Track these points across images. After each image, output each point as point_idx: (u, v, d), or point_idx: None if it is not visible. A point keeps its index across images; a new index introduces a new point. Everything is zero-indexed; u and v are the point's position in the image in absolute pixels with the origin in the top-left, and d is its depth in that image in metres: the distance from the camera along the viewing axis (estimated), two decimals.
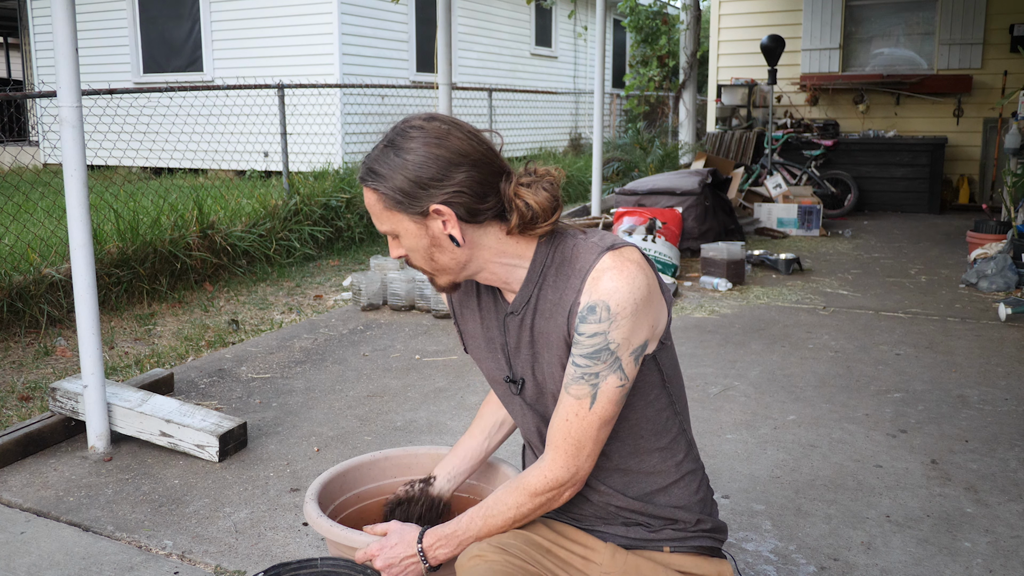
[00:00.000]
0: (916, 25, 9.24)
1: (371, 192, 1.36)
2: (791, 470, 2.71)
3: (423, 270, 1.42)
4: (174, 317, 4.73)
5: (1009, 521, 2.37)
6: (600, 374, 1.31)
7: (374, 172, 1.34)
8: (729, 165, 8.23)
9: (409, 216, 1.34)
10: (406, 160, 1.32)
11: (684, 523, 1.45)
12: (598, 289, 1.30)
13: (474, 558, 1.37)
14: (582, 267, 1.33)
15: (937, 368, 3.74)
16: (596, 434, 1.34)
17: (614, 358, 1.30)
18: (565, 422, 1.34)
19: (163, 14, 11.10)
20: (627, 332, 1.30)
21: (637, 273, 1.30)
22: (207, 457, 2.80)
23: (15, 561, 2.21)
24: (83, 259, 2.74)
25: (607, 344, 1.30)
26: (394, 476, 1.85)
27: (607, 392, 1.32)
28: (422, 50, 11.33)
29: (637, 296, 1.29)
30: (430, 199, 1.32)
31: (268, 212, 6.29)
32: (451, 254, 1.37)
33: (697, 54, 10.21)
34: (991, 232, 6.02)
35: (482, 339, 1.50)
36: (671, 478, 1.44)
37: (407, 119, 1.37)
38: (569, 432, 1.34)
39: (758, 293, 5.20)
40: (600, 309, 1.29)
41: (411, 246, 1.38)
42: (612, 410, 1.34)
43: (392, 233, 1.38)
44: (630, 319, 1.29)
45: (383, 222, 1.38)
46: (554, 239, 1.39)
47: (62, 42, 2.62)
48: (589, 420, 1.33)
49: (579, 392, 1.32)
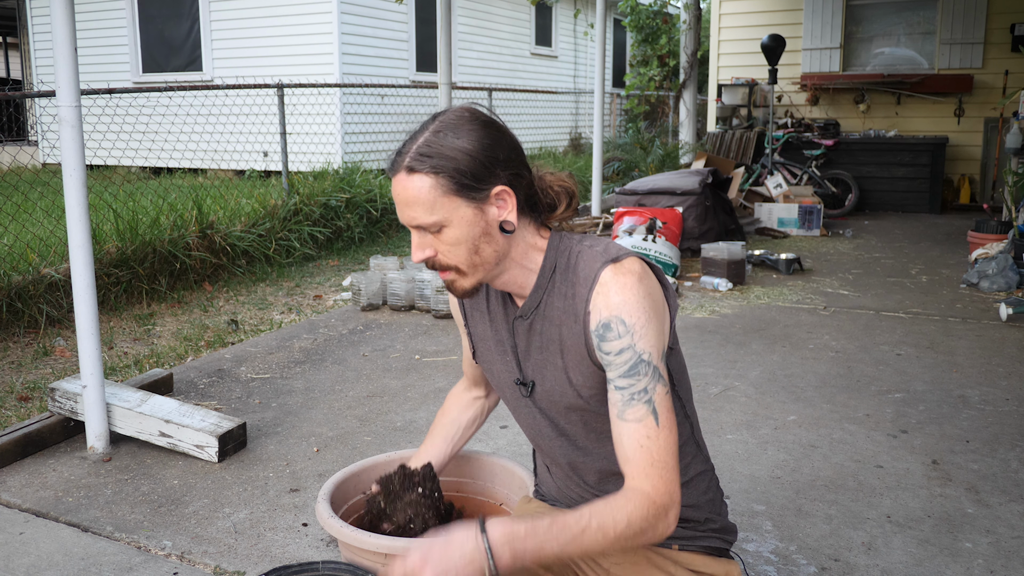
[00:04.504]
0: (917, 24, 9.23)
1: (426, 177, 1.27)
2: (792, 470, 2.71)
3: (455, 268, 1.34)
4: (173, 317, 4.72)
5: (1010, 522, 2.37)
6: (648, 388, 1.27)
7: (427, 156, 1.27)
8: (730, 165, 8.22)
9: (468, 201, 1.29)
10: (469, 141, 1.28)
11: (693, 522, 1.45)
12: (608, 305, 1.29)
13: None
14: (586, 277, 1.32)
15: (938, 368, 3.73)
16: (673, 448, 1.28)
17: (652, 368, 1.28)
18: (641, 448, 1.26)
19: (162, 14, 11.09)
20: (653, 339, 1.28)
21: (639, 284, 1.30)
22: (206, 457, 2.79)
23: (14, 562, 2.20)
24: (82, 259, 2.74)
25: (640, 357, 1.27)
26: None
27: (663, 403, 1.28)
28: (422, 50, 11.33)
29: (646, 304, 1.29)
30: (496, 180, 1.30)
31: (267, 212, 6.28)
32: (495, 245, 1.33)
33: (697, 53, 10.20)
34: (992, 232, 6.01)
35: (492, 341, 1.49)
36: (682, 479, 1.44)
37: (444, 110, 1.35)
38: (652, 456, 1.26)
39: (759, 293, 5.19)
40: (616, 324, 1.28)
41: (459, 237, 1.30)
42: (674, 419, 1.30)
43: (437, 224, 1.29)
44: (647, 326, 1.28)
45: (434, 211, 1.28)
46: (560, 244, 1.38)
47: (61, 41, 2.61)
48: (663, 436, 1.27)
49: (638, 415, 1.27)
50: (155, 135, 10.75)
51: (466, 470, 1.85)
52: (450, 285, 1.38)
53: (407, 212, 1.31)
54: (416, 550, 1.19)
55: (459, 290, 1.37)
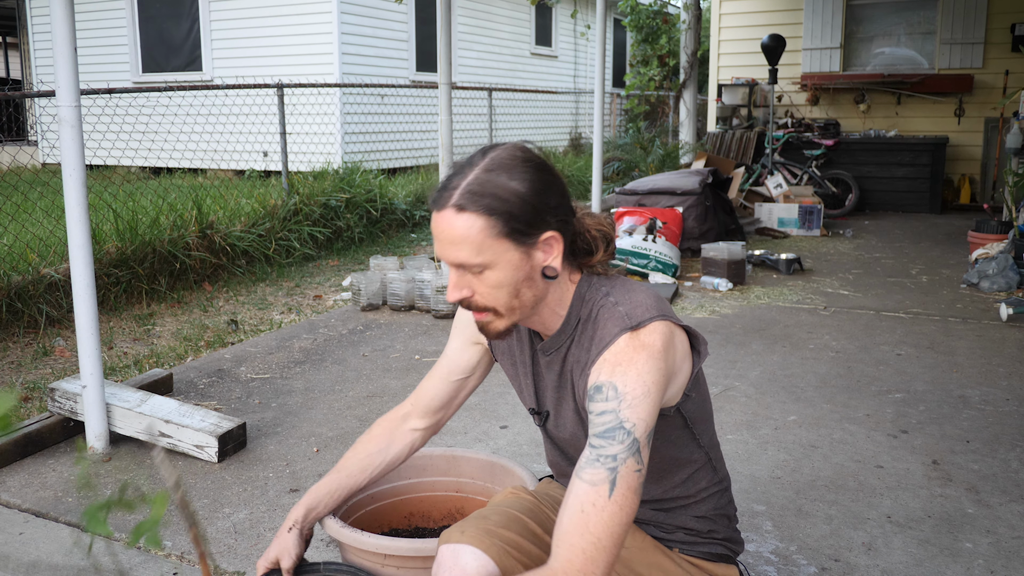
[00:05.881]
0: (917, 24, 9.23)
1: (477, 218, 1.22)
2: (792, 471, 2.71)
3: (493, 310, 1.30)
4: (173, 317, 4.72)
5: (1011, 522, 2.36)
6: (618, 456, 1.19)
7: (479, 195, 1.22)
8: (730, 165, 8.22)
9: (517, 245, 1.24)
10: (523, 184, 1.23)
11: (696, 531, 1.46)
12: (609, 371, 1.25)
13: (507, 492, 1.44)
14: (601, 338, 1.28)
15: (938, 368, 3.73)
16: (616, 531, 1.16)
17: (631, 440, 1.20)
18: (581, 514, 1.16)
19: (162, 13, 11.09)
20: (642, 413, 1.22)
21: (649, 360, 1.24)
22: (206, 458, 2.79)
23: (14, 562, 2.20)
24: (82, 259, 2.74)
25: (620, 423, 1.20)
26: (408, 478, 1.84)
27: (626, 477, 1.18)
28: (422, 50, 11.32)
29: (648, 380, 1.23)
30: (546, 226, 1.26)
31: (267, 212, 6.28)
32: (536, 290, 1.29)
33: (698, 53, 10.20)
34: (992, 232, 6.01)
35: (515, 359, 1.48)
36: (692, 500, 1.46)
37: (494, 145, 1.30)
38: (587, 527, 1.15)
39: (759, 293, 5.19)
40: (607, 389, 1.23)
41: (501, 280, 1.26)
42: (632, 501, 1.19)
43: (481, 266, 1.25)
44: (642, 400, 1.22)
45: (481, 253, 1.23)
46: (587, 294, 1.35)
47: (61, 41, 2.61)
48: (609, 511, 1.16)
49: (594, 477, 1.18)
50: (155, 135, 10.75)
51: (466, 470, 1.85)
52: (484, 326, 1.33)
53: (451, 250, 1.25)
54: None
55: (492, 331, 1.33)
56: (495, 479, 1.81)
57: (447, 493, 1.85)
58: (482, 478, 1.83)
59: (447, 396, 1.60)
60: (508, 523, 1.35)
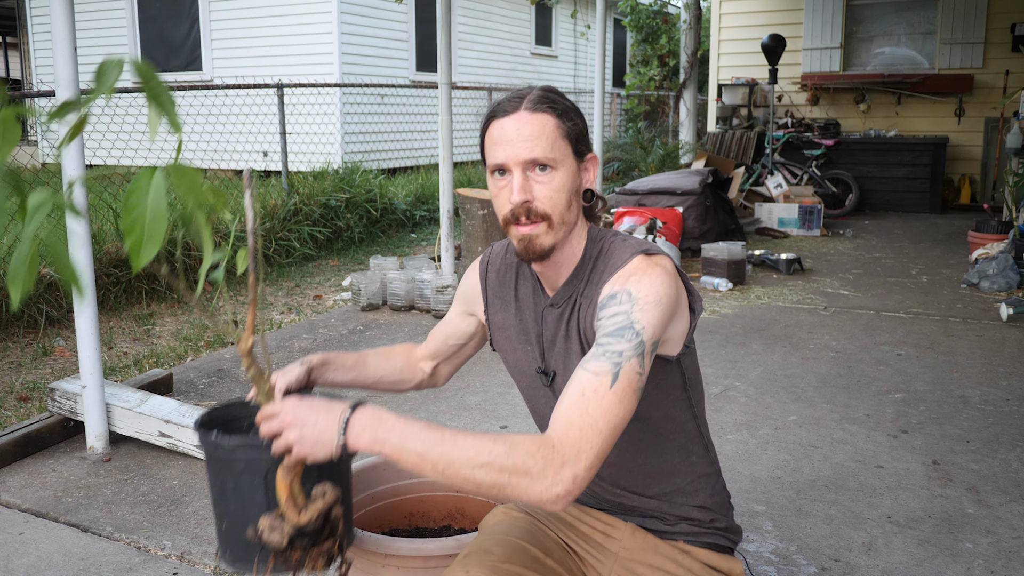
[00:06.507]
0: (917, 24, 9.23)
1: (550, 116, 1.32)
2: (792, 471, 2.70)
3: (548, 219, 1.33)
4: (173, 317, 4.72)
5: (1011, 522, 2.36)
6: (623, 353, 1.21)
7: (550, 100, 1.33)
8: (730, 165, 8.21)
9: (574, 153, 1.35)
10: (576, 109, 1.37)
11: (699, 521, 1.46)
12: (622, 281, 1.29)
13: (501, 513, 1.41)
14: (614, 265, 1.33)
15: (938, 368, 3.73)
16: (612, 420, 1.17)
17: (639, 340, 1.22)
18: (581, 397, 1.18)
19: (162, 13, 11.08)
20: (652, 319, 1.24)
21: (663, 276, 1.29)
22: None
23: (13, 562, 2.20)
24: (82, 259, 2.73)
25: (631, 323, 1.23)
26: (408, 478, 1.84)
27: (628, 374, 1.20)
28: (422, 49, 11.32)
29: (661, 291, 1.27)
30: (589, 147, 1.39)
31: (267, 212, 6.28)
32: (577, 209, 1.38)
33: (698, 53, 10.19)
34: (992, 232, 6.01)
35: (515, 330, 1.50)
36: (688, 478, 1.46)
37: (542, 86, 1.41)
38: (586, 409, 1.16)
39: (759, 293, 5.18)
40: (621, 295, 1.27)
41: (564, 183, 1.33)
42: (630, 399, 1.20)
43: (553, 162, 1.31)
44: (654, 308, 1.25)
45: (554, 148, 1.31)
46: (597, 235, 1.42)
47: (61, 41, 2.61)
48: (608, 400, 1.17)
49: (598, 368, 1.20)
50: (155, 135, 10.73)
51: None
52: (530, 241, 1.34)
53: (524, 147, 1.30)
54: (294, 406, 1.21)
55: (538, 246, 1.34)
56: None
57: (447, 493, 1.85)
58: None
59: (445, 355, 1.67)
60: (512, 555, 1.33)
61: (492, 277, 1.54)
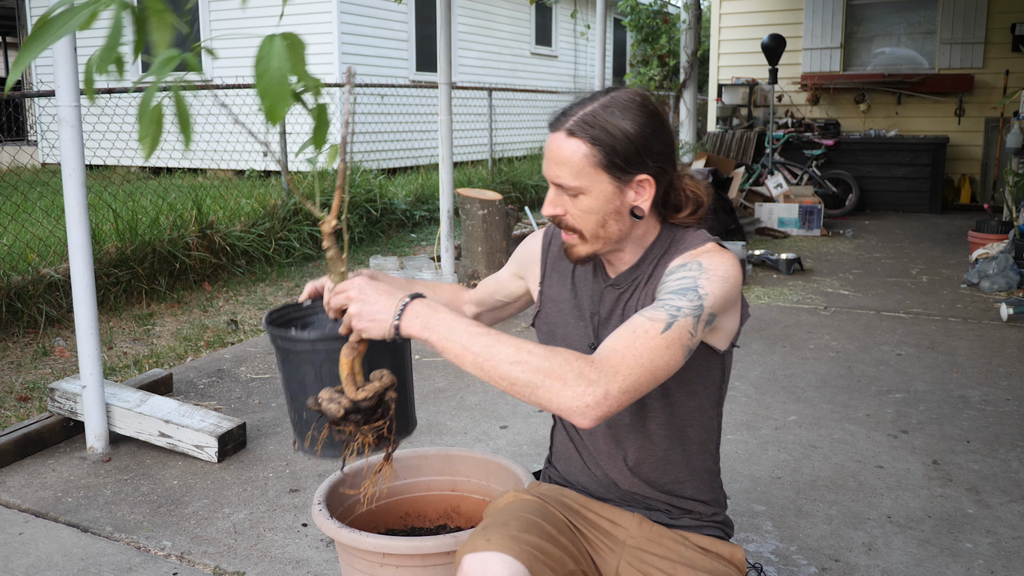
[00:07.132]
0: (917, 24, 9.22)
1: (582, 144, 1.33)
2: (792, 471, 2.70)
3: (579, 233, 1.39)
4: (173, 317, 4.72)
5: (1011, 522, 2.36)
6: (682, 309, 1.24)
7: (590, 126, 1.33)
8: (730, 165, 8.21)
9: (612, 178, 1.35)
10: (633, 125, 1.34)
11: (701, 515, 1.50)
12: (692, 256, 1.35)
13: (511, 496, 1.44)
14: (687, 247, 1.39)
15: (938, 368, 3.73)
16: (657, 361, 1.19)
17: (699, 303, 1.25)
18: (632, 333, 1.21)
19: None
20: (717, 290, 1.28)
21: (733, 260, 1.35)
22: (206, 458, 2.78)
23: (13, 562, 2.20)
24: (82, 259, 2.73)
25: (696, 286, 1.28)
26: (404, 478, 1.84)
27: (682, 328, 1.22)
28: (422, 49, 11.32)
29: (729, 271, 1.32)
30: (644, 168, 1.36)
31: (267, 212, 6.27)
32: (622, 225, 1.39)
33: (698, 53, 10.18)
34: (993, 232, 6.01)
35: (569, 305, 1.53)
36: (699, 472, 1.49)
37: (618, 87, 1.40)
38: (634, 343, 1.19)
39: (759, 293, 5.18)
40: (691, 264, 1.33)
41: (591, 207, 1.36)
42: (677, 351, 1.22)
43: (577, 190, 1.35)
44: (720, 282, 1.30)
45: (578, 177, 1.34)
46: (670, 232, 1.46)
47: (61, 41, 2.61)
48: (656, 342, 1.20)
49: (655, 315, 1.23)
50: None
51: (461, 469, 1.84)
52: (568, 248, 1.43)
53: (553, 169, 1.37)
54: (363, 284, 1.28)
55: (574, 255, 1.43)
56: (491, 477, 1.81)
57: (442, 492, 1.84)
58: (478, 476, 1.83)
59: (488, 306, 1.72)
60: (528, 527, 1.35)
61: (554, 250, 1.57)
